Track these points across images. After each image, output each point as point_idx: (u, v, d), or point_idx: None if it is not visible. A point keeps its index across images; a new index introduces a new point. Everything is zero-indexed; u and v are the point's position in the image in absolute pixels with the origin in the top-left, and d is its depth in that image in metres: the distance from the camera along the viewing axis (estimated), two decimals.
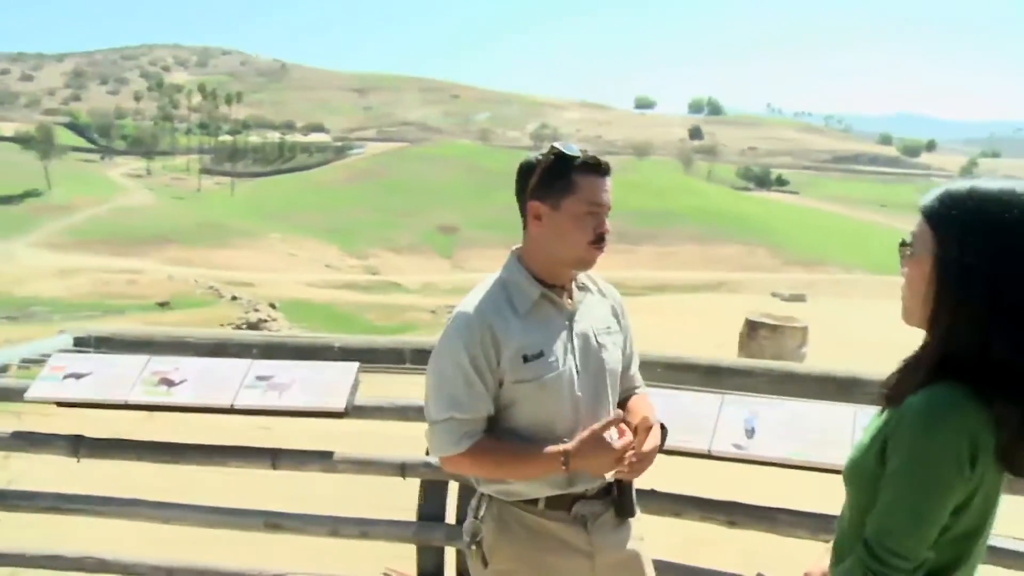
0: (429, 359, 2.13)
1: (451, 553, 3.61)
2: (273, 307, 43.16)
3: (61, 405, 3.51)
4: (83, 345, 3.95)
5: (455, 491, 3.53)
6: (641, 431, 2.07)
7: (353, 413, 3.40)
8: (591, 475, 2.11)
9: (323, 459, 3.52)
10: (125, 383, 3.44)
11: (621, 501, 2.20)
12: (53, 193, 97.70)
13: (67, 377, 3.48)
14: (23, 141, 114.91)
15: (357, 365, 3.49)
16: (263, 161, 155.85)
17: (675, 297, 30.93)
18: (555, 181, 2.05)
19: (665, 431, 2.18)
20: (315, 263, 74.29)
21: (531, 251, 2.13)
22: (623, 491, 2.20)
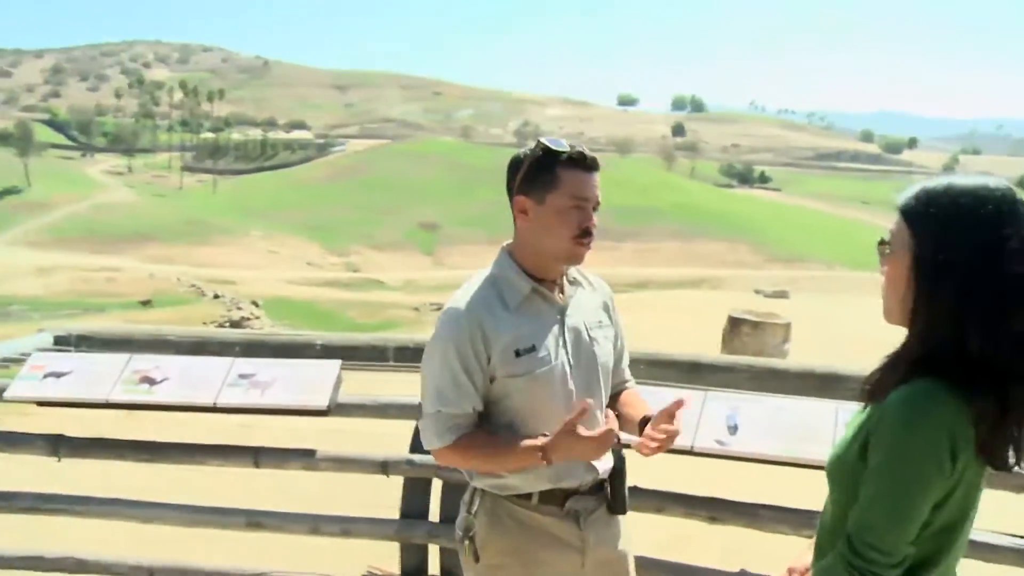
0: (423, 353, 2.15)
1: (434, 551, 3.61)
2: (255, 305, 42.94)
3: (41, 404, 3.48)
4: (63, 344, 3.92)
5: (438, 488, 3.53)
6: (663, 417, 2.03)
7: (335, 411, 3.40)
8: (583, 463, 2.11)
9: (305, 457, 3.52)
10: (106, 382, 3.42)
11: (614, 497, 2.21)
12: (32, 190, 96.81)
13: (47, 376, 3.45)
14: (1, 138, 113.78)
15: (339, 363, 3.49)
16: (245, 158, 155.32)
17: (657, 294, 30.92)
18: (541, 175, 2.05)
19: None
20: (297, 261, 73.95)
21: (520, 246, 2.14)
22: (616, 487, 2.21)
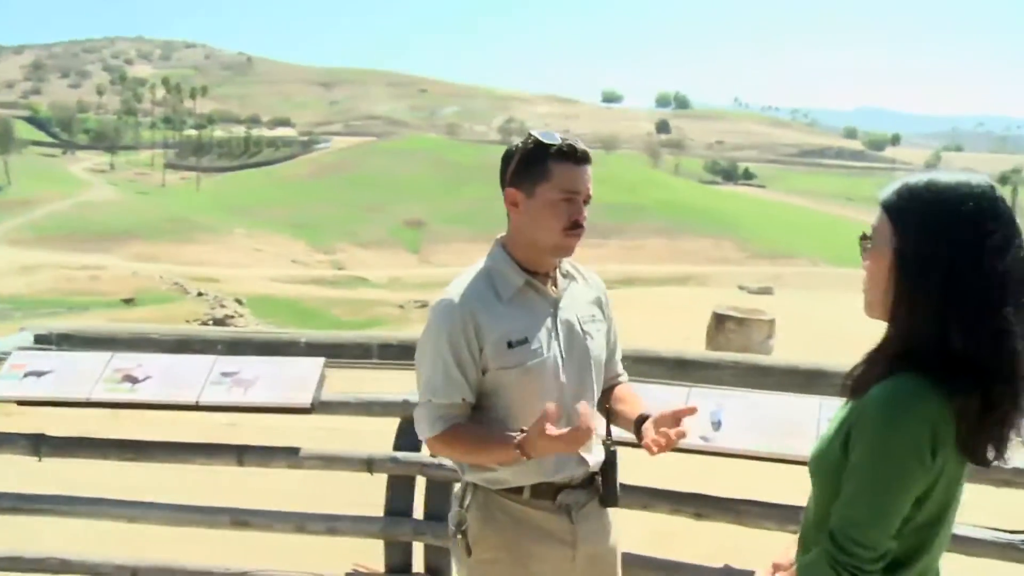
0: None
1: (419, 548, 3.60)
2: (240, 303, 42.74)
3: (22, 404, 3.46)
4: (44, 342, 3.88)
5: (423, 486, 3.53)
6: (668, 419, 1.98)
7: (319, 409, 3.39)
8: (574, 457, 2.12)
9: (289, 455, 3.51)
10: (87, 381, 3.40)
11: (606, 489, 2.21)
12: (13, 188, 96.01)
13: (28, 375, 3.43)
14: None
15: (323, 360, 3.48)
16: (229, 156, 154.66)
17: (643, 290, 31.02)
18: (531, 168, 2.07)
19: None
20: (281, 258, 73.69)
21: (513, 238, 2.15)
22: (608, 480, 2.21)
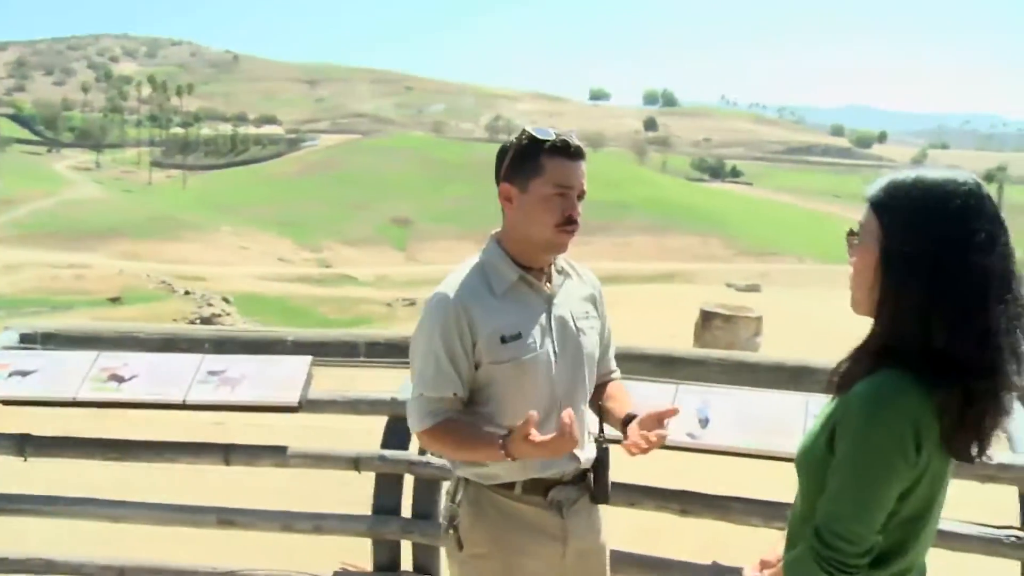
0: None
1: (407, 546, 3.60)
2: (226, 301, 42.60)
3: (6, 403, 3.44)
4: (29, 341, 3.87)
5: (410, 484, 3.52)
6: (652, 420, 2.01)
7: (307, 407, 3.38)
8: (566, 453, 2.10)
9: (276, 454, 3.50)
10: (73, 380, 3.38)
11: (597, 486, 2.22)
12: None
13: (12, 374, 3.42)
14: None
15: (310, 359, 3.48)
16: (215, 154, 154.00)
17: (630, 288, 31.02)
18: (525, 163, 2.07)
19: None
20: (268, 256, 73.44)
21: (507, 234, 2.15)
22: (599, 478, 2.22)
